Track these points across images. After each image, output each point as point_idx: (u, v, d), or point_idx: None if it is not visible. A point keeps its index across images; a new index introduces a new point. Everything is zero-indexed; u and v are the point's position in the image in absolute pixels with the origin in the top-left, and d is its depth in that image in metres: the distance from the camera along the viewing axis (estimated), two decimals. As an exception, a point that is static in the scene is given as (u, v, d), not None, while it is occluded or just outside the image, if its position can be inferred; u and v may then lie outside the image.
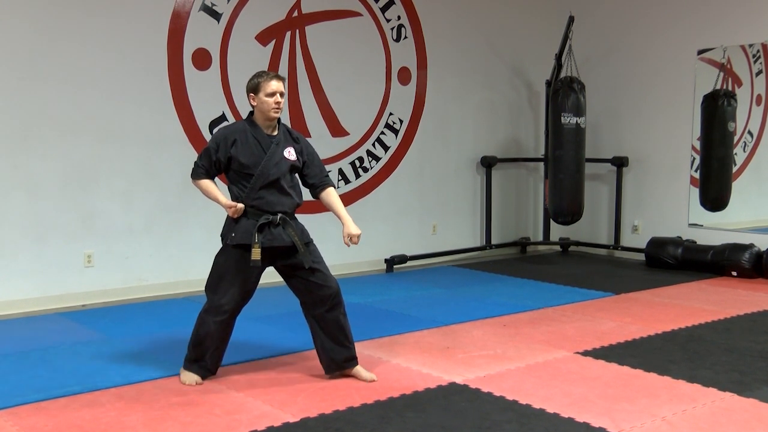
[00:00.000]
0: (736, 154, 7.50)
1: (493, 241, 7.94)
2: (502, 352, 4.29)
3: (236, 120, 6.18)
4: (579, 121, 7.22)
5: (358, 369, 3.79)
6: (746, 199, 7.59)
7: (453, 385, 3.70)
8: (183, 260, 6.00)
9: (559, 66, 7.51)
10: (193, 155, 5.96)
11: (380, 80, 7.03)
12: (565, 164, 7.26)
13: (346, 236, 3.75)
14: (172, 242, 5.96)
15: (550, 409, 3.35)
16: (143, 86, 5.74)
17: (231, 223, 3.67)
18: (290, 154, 3.73)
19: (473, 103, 7.79)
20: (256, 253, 3.55)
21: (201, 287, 6.03)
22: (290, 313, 5.26)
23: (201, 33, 5.97)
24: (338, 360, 3.76)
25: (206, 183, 3.71)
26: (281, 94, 3.64)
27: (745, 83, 7.53)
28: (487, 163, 7.79)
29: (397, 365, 4.04)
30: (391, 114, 7.13)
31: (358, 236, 3.74)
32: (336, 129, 6.76)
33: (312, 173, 3.86)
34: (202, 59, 6.00)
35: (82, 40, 5.45)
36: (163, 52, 5.80)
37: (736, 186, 7.47)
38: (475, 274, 6.95)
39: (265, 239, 3.60)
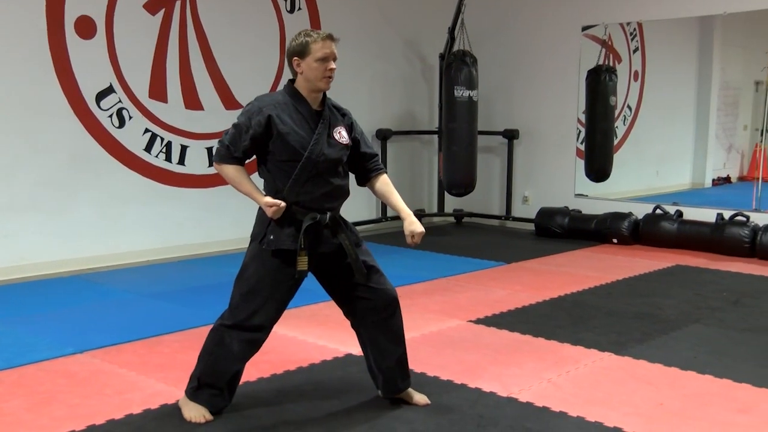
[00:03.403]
0: (617, 127, 7.89)
1: (389, 214, 8.03)
2: (398, 322, 4.37)
3: (125, 92, 5.97)
4: (471, 95, 7.37)
5: (410, 391, 3.18)
6: (626, 170, 8.03)
7: (349, 357, 3.75)
8: (71, 237, 5.77)
9: (452, 40, 7.62)
10: (80, 128, 5.76)
11: (274, 52, 6.93)
12: (459, 137, 7.41)
13: (409, 235, 3.00)
14: (59, 219, 5.71)
15: (444, 377, 3.46)
16: (22, 55, 5.43)
17: (266, 221, 2.87)
18: (341, 135, 2.94)
19: (368, 75, 7.81)
20: (302, 263, 2.81)
21: (91, 265, 5.92)
22: (186, 289, 5.18)
23: (83, -1, 5.70)
24: (398, 383, 3.12)
25: (234, 171, 2.84)
26: (335, 59, 2.97)
27: (624, 59, 7.91)
28: (383, 136, 7.85)
29: (294, 338, 4.06)
30: (285, 86, 7.04)
31: (421, 235, 3.00)
32: (230, 101, 6.63)
33: (362, 155, 3.06)
34: (85, 27, 5.72)
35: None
36: (42, 19, 5.50)
37: (618, 158, 7.87)
38: (371, 246, 6.90)
39: (312, 244, 2.86)
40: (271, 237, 2.83)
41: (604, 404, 3.15)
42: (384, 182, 3.09)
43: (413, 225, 2.99)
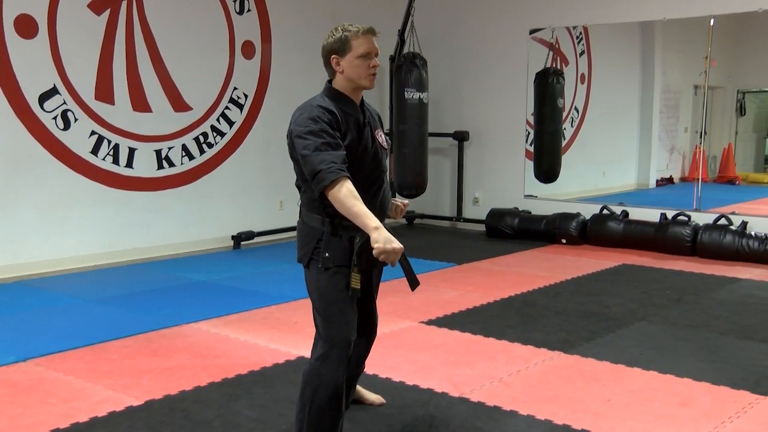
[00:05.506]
0: (565, 128, 8.03)
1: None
2: (350, 325, 4.37)
3: (70, 94, 5.83)
4: (422, 97, 7.41)
5: (364, 391, 3.22)
6: (574, 171, 8.18)
7: (301, 360, 3.73)
8: (12, 243, 5.61)
9: (402, 42, 7.65)
10: (22, 130, 5.61)
11: (223, 54, 6.86)
12: (409, 139, 7.44)
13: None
14: (0, 223, 5.55)
15: (396, 378, 3.47)
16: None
17: (315, 238, 2.58)
18: (382, 138, 2.72)
19: (319, 78, 7.70)
20: (356, 280, 2.54)
21: (34, 270, 5.77)
22: (134, 293, 5.09)
23: (25, -2, 5.55)
24: (350, 396, 3.09)
25: (352, 188, 2.43)
26: (377, 55, 2.67)
27: (571, 62, 8.06)
28: (334, 138, 7.82)
29: (245, 342, 4.03)
30: (235, 89, 6.99)
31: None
32: (178, 103, 6.54)
33: None
34: (26, 26, 5.58)
35: None
36: (-19, 18, 5.35)
37: (566, 159, 8.01)
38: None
39: (367, 261, 2.52)
40: (327, 255, 2.55)
41: (554, 402, 3.20)
42: None
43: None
